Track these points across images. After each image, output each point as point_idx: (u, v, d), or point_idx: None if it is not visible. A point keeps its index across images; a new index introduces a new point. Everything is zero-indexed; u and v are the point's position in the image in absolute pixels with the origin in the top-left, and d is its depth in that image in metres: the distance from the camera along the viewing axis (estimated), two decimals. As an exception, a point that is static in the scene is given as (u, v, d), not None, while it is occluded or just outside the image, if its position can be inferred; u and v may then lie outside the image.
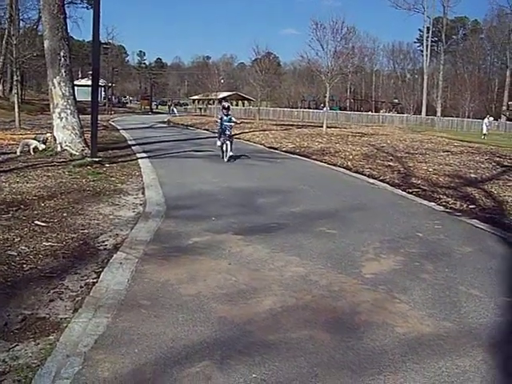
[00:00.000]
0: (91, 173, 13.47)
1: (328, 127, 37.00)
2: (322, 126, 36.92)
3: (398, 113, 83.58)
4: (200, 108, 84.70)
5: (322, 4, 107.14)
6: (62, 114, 16.40)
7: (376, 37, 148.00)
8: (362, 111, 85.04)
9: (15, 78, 33.03)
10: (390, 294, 5.67)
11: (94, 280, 5.83)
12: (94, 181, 12.40)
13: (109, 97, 74.84)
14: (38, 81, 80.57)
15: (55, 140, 16.64)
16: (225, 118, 17.57)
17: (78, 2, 67.84)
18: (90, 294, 5.42)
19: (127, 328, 4.63)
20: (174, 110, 72.51)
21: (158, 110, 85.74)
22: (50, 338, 4.45)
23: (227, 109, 18.02)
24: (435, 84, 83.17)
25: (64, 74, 16.27)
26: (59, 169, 13.78)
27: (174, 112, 69.45)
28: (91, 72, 19.54)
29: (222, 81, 76.22)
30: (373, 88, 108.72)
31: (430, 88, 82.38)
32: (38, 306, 5.08)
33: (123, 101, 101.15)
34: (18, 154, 16.41)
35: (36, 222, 8.13)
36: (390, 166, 17.23)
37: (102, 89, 70.36)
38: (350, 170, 16.62)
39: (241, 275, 6.10)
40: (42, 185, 11.46)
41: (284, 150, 23.03)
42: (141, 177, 13.57)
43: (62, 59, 16.19)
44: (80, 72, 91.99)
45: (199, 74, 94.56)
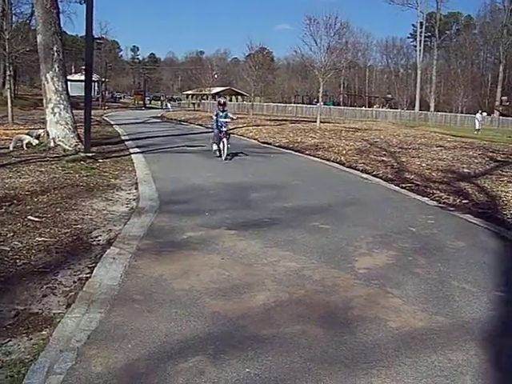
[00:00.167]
0: (84, 168, 13.44)
1: (321, 122, 36.99)
2: (316, 121, 36.91)
3: (391, 108, 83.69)
4: (193, 103, 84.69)
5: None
6: (55, 109, 16.36)
7: (369, 32, 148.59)
8: (355, 106, 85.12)
9: (8, 73, 32.91)
10: (383, 289, 5.68)
11: (88, 275, 5.82)
12: (87, 176, 12.37)
13: (102, 92, 74.60)
14: (31, 76, 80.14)
15: (48, 135, 16.59)
16: (221, 114, 16.80)
17: (71, -4, 67.54)
18: (83, 289, 5.42)
19: (120, 323, 4.63)
20: (168, 105, 72.40)
21: (151, 105, 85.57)
22: (43, 333, 4.45)
23: (223, 105, 17.22)
24: (428, 79, 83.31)
25: (57, 69, 16.22)
26: (52, 164, 13.74)
27: (167, 107, 69.33)
28: (84, 67, 19.47)
29: (216, 76, 75.97)
30: (366, 83, 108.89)
31: (423, 83, 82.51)
32: (31, 302, 5.07)
33: (116, 96, 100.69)
34: (10, 149, 16.39)
35: (29, 217, 8.11)
36: (383, 160, 17.24)
37: (96, 84, 70.08)
38: (343, 164, 16.64)
39: (234, 270, 6.10)
40: (35, 180, 11.43)
41: (277, 145, 23.02)
42: (134, 172, 13.55)
43: (55, 54, 16.14)
44: (73, 67, 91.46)
45: (193, 69, 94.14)
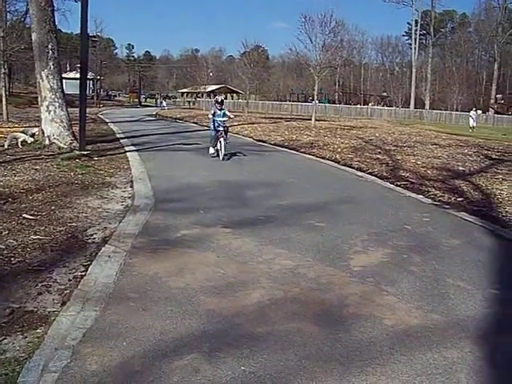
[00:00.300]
0: (79, 166, 13.42)
1: (317, 120, 37.01)
2: (311, 119, 36.91)
3: (386, 106, 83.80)
4: (189, 101, 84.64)
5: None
6: (50, 107, 16.32)
7: (364, 30, 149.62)
8: (350, 104, 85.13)
9: (3, 71, 32.75)
10: (378, 287, 5.69)
11: (83, 273, 5.81)
12: (82, 174, 12.36)
13: (97, 90, 74.45)
14: (25, 74, 79.98)
15: (43, 133, 16.56)
16: (218, 112, 16.16)
17: (66, -6, 67.51)
18: (79, 287, 5.41)
19: (115, 321, 4.62)
20: (164, 103, 72.23)
21: (146, 103, 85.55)
22: (37, 331, 4.44)
23: (221, 103, 16.62)
24: (423, 77, 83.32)
25: (52, 66, 16.18)
26: (47, 162, 13.71)
27: (162, 105, 69.14)
28: (79, 65, 19.47)
29: (211, 74, 76.16)
30: (361, 81, 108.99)
31: (418, 81, 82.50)
32: (26, 300, 5.06)
33: (110, 94, 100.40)
34: (5, 147, 16.35)
35: (24, 215, 8.09)
36: (378, 158, 17.25)
37: (91, 82, 69.99)
38: (338, 162, 16.64)
39: (229, 268, 6.10)
40: (30, 178, 11.41)
41: (272, 143, 23.04)
42: (129, 170, 13.54)
43: (50, 52, 16.10)
44: (68, 65, 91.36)
45: (188, 67, 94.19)
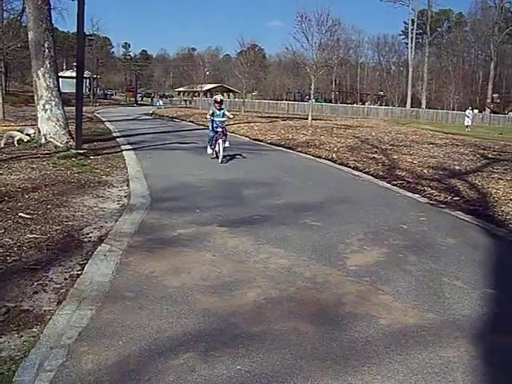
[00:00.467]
0: (76, 165, 13.40)
1: (313, 119, 37.02)
2: (307, 118, 36.92)
3: (382, 105, 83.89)
4: (185, 100, 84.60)
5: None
6: (47, 106, 16.29)
7: (361, 29, 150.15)
8: (347, 103, 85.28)
9: (-1, 69, 32.74)
10: (374, 286, 5.69)
11: (79, 272, 5.81)
12: (78, 173, 12.34)
13: (93, 89, 74.30)
14: (22, 72, 79.51)
15: (40, 132, 16.53)
16: (217, 112, 15.46)
17: (63, -8, 67.38)
18: (74, 286, 5.40)
19: (111, 320, 4.62)
20: (160, 102, 72.03)
21: (142, 102, 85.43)
22: (33, 330, 4.43)
23: (220, 103, 15.74)
24: (420, 76, 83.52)
25: (48, 65, 16.14)
26: (44, 161, 13.69)
27: (158, 104, 68.86)
28: (76, 64, 19.41)
29: (208, 73, 75.93)
30: (358, 80, 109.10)
31: (414, 80, 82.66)
32: (22, 299, 5.06)
33: (106, 92, 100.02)
34: (1, 145, 16.31)
35: (20, 214, 8.08)
36: (374, 158, 17.27)
37: (87, 80, 69.91)
38: (334, 162, 16.64)
39: (225, 267, 6.10)
40: (27, 177, 11.38)
41: (269, 142, 23.05)
42: (125, 169, 13.52)
43: (47, 51, 16.06)
44: (65, 64, 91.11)
45: (184, 66, 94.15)
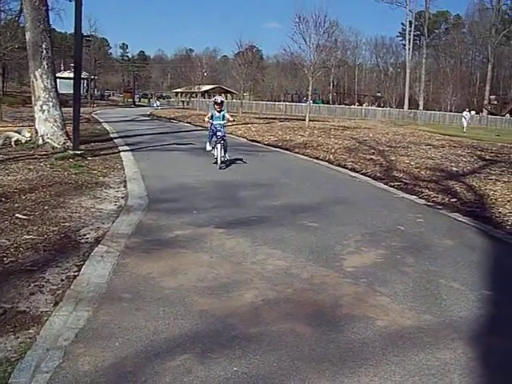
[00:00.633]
0: (73, 166, 13.38)
1: (311, 120, 37.00)
2: (305, 120, 36.88)
3: (380, 106, 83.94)
4: (183, 101, 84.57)
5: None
6: (44, 107, 16.26)
7: (359, 30, 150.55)
8: (344, 105, 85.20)
9: (-4, 70, 32.73)
10: (371, 287, 5.69)
11: (75, 273, 5.79)
12: (75, 174, 12.32)
13: (91, 89, 74.23)
14: (19, 73, 79.66)
15: (37, 133, 16.51)
16: (217, 115, 14.58)
17: (61, -7, 67.22)
18: (71, 287, 5.39)
19: (108, 321, 4.61)
20: (157, 102, 71.91)
21: (140, 103, 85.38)
22: (30, 331, 4.42)
23: (220, 104, 14.78)
24: (417, 78, 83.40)
25: (46, 66, 16.12)
26: (41, 161, 13.66)
27: (155, 105, 68.65)
28: (73, 64, 19.41)
29: (205, 74, 76.02)
30: (355, 81, 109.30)
31: (412, 82, 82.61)
32: (19, 300, 5.04)
33: (103, 93, 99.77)
34: (-2, 146, 16.30)
35: (17, 215, 8.06)
36: (372, 159, 17.27)
37: (85, 81, 69.84)
38: (332, 163, 16.65)
39: (222, 268, 6.09)
40: (24, 177, 11.37)
41: (266, 143, 23.05)
42: (123, 170, 13.51)
43: (44, 51, 16.04)
44: (62, 64, 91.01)
45: (182, 67, 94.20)
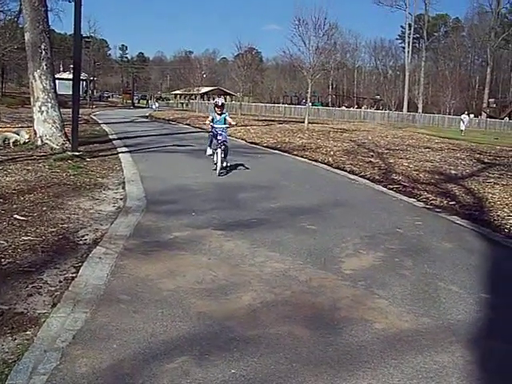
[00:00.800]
0: (72, 167, 13.36)
1: (310, 123, 36.99)
2: (304, 122, 36.87)
3: (379, 109, 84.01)
4: (182, 103, 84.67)
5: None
6: (43, 108, 16.25)
7: (358, 33, 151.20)
8: (344, 107, 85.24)
9: (-5, 71, 32.70)
10: (370, 290, 5.69)
11: (73, 275, 5.78)
12: (74, 175, 12.31)
13: (90, 90, 74.19)
14: (18, 74, 79.69)
15: (36, 134, 16.50)
16: (217, 118, 13.81)
17: (60, -6, 67.36)
18: (69, 288, 5.38)
19: (106, 323, 4.60)
20: (156, 104, 71.79)
21: (139, 105, 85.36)
22: (27, 333, 4.41)
23: (221, 107, 13.92)
24: (417, 81, 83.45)
25: (45, 67, 16.11)
26: (39, 163, 13.65)
27: (153, 107, 68.47)
28: (73, 66, 19.39)
29: (204, 76, 76.14)
30: (355, 84, 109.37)
31: (411, 85, 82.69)
32: (16, 301, 5.03)
33: (102, 94, 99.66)
34: (-3, 147, 16.28)
35: (15, 216, 8.05)
36: (371, 162, 17.28)
37: (84, 83, 69.80)
38: (331, 165, 16.65)
39: (221, 271, 6.08)
40: (22, 179, 11.35)
41: (265, 145, 23.03)
42: (121, 171, 13.49)
43: (43, 52, 16.03)
44: (61, 65, 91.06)
45: (181, 69, 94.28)
